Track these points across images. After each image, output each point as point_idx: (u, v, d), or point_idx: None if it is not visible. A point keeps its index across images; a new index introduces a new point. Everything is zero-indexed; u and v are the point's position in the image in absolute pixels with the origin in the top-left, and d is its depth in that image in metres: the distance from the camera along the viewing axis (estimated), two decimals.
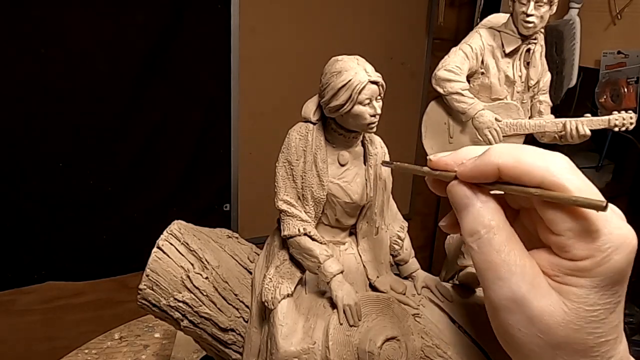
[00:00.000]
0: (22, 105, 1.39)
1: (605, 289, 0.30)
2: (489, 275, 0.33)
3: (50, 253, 1.53)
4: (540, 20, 1.00)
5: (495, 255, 0.32)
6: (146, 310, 0.75)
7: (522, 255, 0.32)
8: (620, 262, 0.29)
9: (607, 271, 0.29)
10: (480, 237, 0.33)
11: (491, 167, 0.32)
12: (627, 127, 1.02)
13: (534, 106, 1.10)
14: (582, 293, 0.30)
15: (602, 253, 0.29)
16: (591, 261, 0.29)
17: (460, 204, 0.34)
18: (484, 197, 0.34)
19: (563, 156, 0.31)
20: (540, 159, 0.31)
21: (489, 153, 0.32)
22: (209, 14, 1.60)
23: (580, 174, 0.31)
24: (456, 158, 0.35)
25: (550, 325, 0.30)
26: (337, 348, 0.63)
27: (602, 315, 0.30)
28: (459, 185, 0.34)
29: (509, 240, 0.32)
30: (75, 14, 1.39)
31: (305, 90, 0.73)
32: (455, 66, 1.06)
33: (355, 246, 0.75)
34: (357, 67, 0.65)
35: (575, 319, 0.30)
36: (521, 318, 0.31)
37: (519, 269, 0.31)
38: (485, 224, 0.33)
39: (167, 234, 0.75)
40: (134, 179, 1.60)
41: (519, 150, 0.32)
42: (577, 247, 0.30)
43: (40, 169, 1.45)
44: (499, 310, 0.32)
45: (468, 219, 0.34)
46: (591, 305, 0.30)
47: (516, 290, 0.31)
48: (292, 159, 0.70)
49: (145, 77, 1.53)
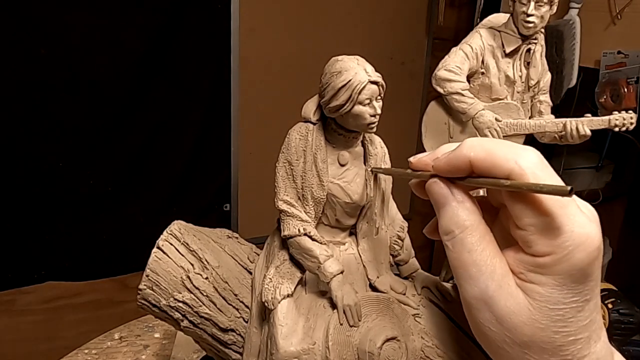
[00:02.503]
0: (22, 105, 1.39)
1: (569, 287, 0.30)
2: (460, 273, 0.33)
3: (50, 253, 1.53)
4: (541, 20, 1.01)
5: (466, 255, 0.33)
6: (146, 310, 0.75)
7: (493, 255, 0.32)
8: (581, 261, 0.29)
9: (568, 269, 0.29)
10: (455, 236, 0.33)
11: (463, 160, 0.32)
12: (627, 127, 1.02)
13: (534, 106, 1.10)
14: (545, 291, 0.30)
15: (563, 250, 0.29)
16: (552, 258, 0.30)
17: (438, 202, 0.35)
18: (461, 197, 0.34)
19: (535, 151, 0.31)
20: (510, 152, 0.31)
21: (462, 146, 0.33)
22: (209, 14, 1.60)
23: (549, 169, 0.31)
24: (434, 156, 0.36)
25: (516, 324, 0.31)
26: (337, 348, 0.63)
27: (568, 314, 0.30)
28: (437, 184, 0.35)
29: (482, 240, 0.33)
30: (75, 14, 1.39)
31: (305, 90, 0.73)
32: (455, 66, 1.06)
33: (355, 246, 0.75)
34: (357, 67, 0.65)
35: (540, 317, 0.30)
36: (490, 317, 0.32)
37: (489, 268, 0.32)
38: (460, 224, 0.33)
39: (167, 234, 0.75)
40: (134, 179, 1.60)
41: (490, 143, 0.32)
42: (539, 242, 0.30)
43: (40, 169, 1.45)
44: (470, 308, 0.33)
45: (444, 218, 0.34)
46: (555, 304, 0.30)
47: (484, 290, 0.32)
48: (292, 159, 0.70)
49: (145, 77, 1.53)
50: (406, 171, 0.37)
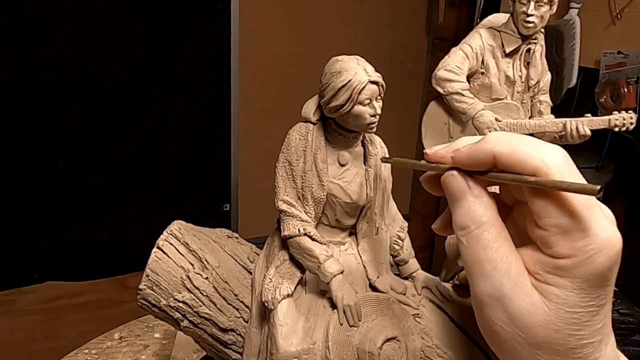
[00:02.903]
0: (22, 105, 1.39)
1: (587, 291, 0.29)
2: (474, 270, 0.32)
3: (50, 253, 1.53)
4: (541, 20, 1.00)
5: (482, 252, 0.32)
6: (146, 310, 0.75)
7: (509, 253, 0.32)
8: (602, 265, 0.29)
9: (588, 273, 0.29)
10: (470, 232, 0.32)
11: (486, 154, 0.31)
12: (627, 127, 1.02)
13: (534, 106, 1.10)
14: (562, 294, 0.29)
15: (585, 254, 0.29)
16: (572, 261, 0.29)
17: (454, 196, 0.34)
18: (478, 191, 0.33)
19: (560, 149, 0.30)
20: (535, 149, 0.30)
21: (485, 140, 0.32)
22: (209, 15, 1.60)
23: (574, 169, 0.30)
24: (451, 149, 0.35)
25: (530, 325, 0.30)
26: (337, 348, 0.63)
27: (584, 317, 0.29)
28: (454, 177, 0.34)
29: (498, 237, 0.32)
30: (75, 14, 1.39)
31: (305, 90, 0.73)
32: (455, 66, 1.06)
33: (355, 246, 0.75)
34: (357, 67, 0.65)
35: (556, 319, 0.30)
36: (502, 315, 0.31)
37: (505, 266, 0.31)
38: (476, 220, 0.32)
39: (167, 234, 0.75)
40: (134, 179, 1.60)
41: (515, 139, 0.31)
42: (560, 244, 0.29)
43: (40, 168, 1.45)
44: (482, 305, 0.32)
45: (460, 212, 0.33)
46: (572, 307, 0.29)
47: (498, 288, 0.31)
48: (292, 159, 0.70)
49: (145, 77, 1.53)
50: (420, 162, 0.36)
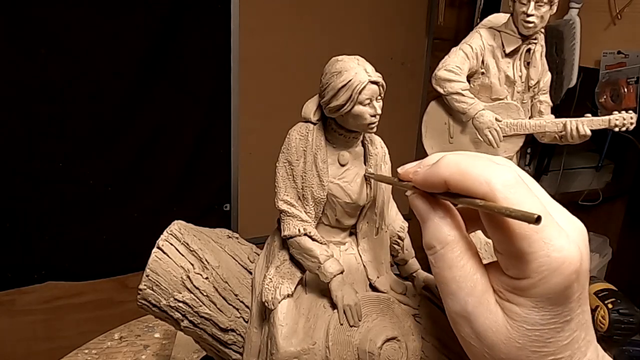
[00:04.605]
0: (22, 105, 1.39)
1: (546, 309, 0.29)
2: (442, 289, 0.33)
3: (50, 253, 1.53)
4: (541, 20, 1.00)
5: (447, 271, 0.32)
6: (146, 310, 0.75)
7: (474, 271, 0.32)
8: (558, 285, 0.29)
9: (544, 292, 0.29)
10: (436, 252, 0.33)
11: (438, 179, 0.32)
12: (627, 127, 1.02)
13: (534, 106, 1.10)
14: (522, 312, 0.30)
15: (538, 275, 0.29)
16: (528, 282, 0.29)
17: (420, 217, 0.35)
18: (442, 212, 0.33)
19: (511, 169, 0.30)
20: (485, 172, 0.30)
21: (438, 164, 0.32)
22: (209, 14, 1.60)
23: (523, 191, 0.29)
24: (417, 167, 0.35)
25: (494, 342, 0.30)
26: (337, 348, 0.63)
27: (547, 334, 0.29)
28: (418, 199, 0.34)
29: (463, 256, 0.32)
30: (75, 14, 1.39)
31: (305, 90, 0.73)
32: (455, 66, 1.06)
33: (355, 246, 0.75)
34: (357, 67, 0.65)
35: (517, 337, 0.30)
36: (470, 332, 0.32)
37: (469, 284, 0.31)
38: (441, 240, 0.33)
39: (167, 234, 0.75)
40: (134, 179, 1.60)
41: (466, 163, 0.31)
42: (514, 266, 0.30)
43: (40, 169, 1.45)
44: (453, 322, 0.33)
45: (426, 233, 0.34)
46: (532, 325, 0.29)
47: (463, 306, 0.32)
48: (292, 159, 0.70)
49: (145, 77, 1.53)
50: (394, 179, 0.37)
